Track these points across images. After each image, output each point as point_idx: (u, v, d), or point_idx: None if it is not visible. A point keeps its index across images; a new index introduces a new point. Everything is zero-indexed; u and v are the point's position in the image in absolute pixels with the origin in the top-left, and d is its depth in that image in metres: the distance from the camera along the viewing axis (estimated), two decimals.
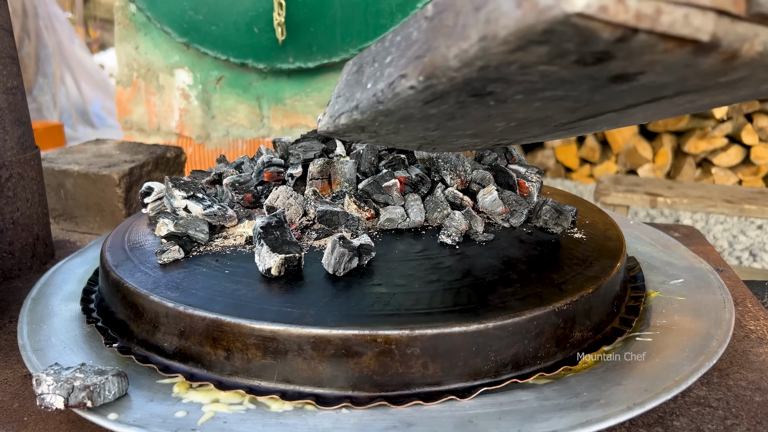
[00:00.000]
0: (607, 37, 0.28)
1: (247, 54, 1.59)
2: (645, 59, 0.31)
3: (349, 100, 0.44)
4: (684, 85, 0.36)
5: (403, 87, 0.37)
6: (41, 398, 0.48)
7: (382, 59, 0.41)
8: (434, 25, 0.35)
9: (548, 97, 0.38)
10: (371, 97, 0.41)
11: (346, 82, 0.46)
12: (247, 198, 0.73)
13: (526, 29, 0.28)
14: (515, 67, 0.32)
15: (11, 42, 0.84)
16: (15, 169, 0.84)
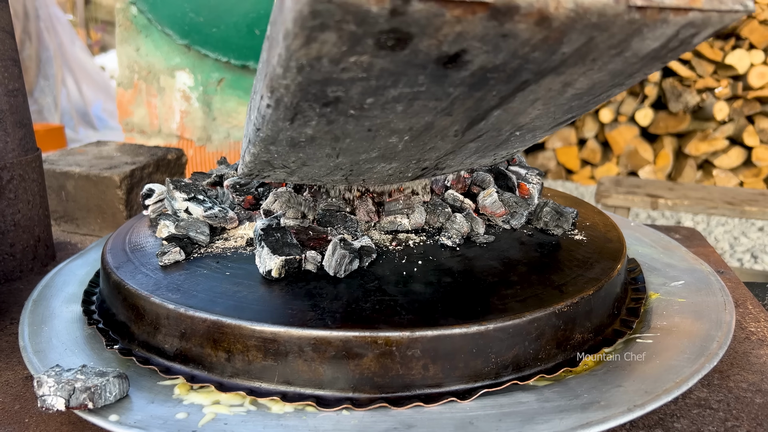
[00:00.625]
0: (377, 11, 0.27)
1: (248, 56, 1.59)
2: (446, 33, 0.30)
3: (246, 137, 0.45)
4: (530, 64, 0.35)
5: (263, 108, 0.38)
6: (42, 400, 0.48)
7: (255, 88, 0.41)
8: (270, 41, 0.35)
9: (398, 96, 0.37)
10: (252, 127, 0.42)
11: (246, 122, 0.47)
12: (248, 200, 0.73)
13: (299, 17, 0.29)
14: (326, 61, 0.32)
15: (13, 44, 0.84)
16: (16, 171, 0.84)
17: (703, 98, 3.31)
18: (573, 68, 0.37)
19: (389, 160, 0.52)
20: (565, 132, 3.66)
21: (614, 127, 3.56)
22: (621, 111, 3.52)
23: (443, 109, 0.41)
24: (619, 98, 3.48)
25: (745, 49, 3.20)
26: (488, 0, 0.28)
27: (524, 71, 0.36)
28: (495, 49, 0.32)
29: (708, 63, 3.28)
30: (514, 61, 0.35)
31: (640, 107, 3.46)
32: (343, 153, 0.47)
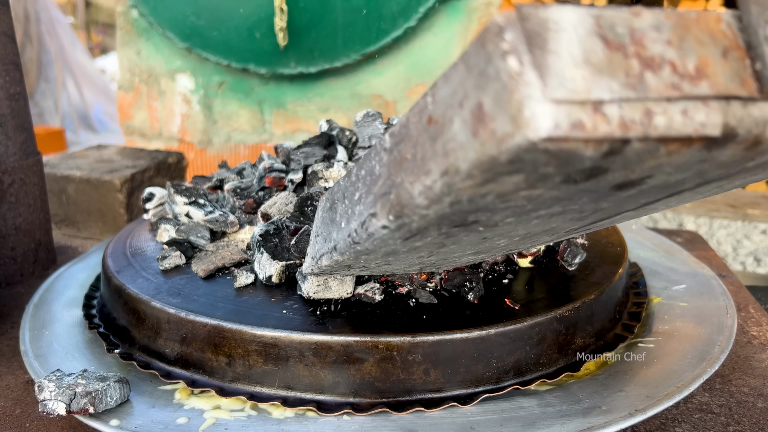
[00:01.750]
0: (591, 154, 0.25)
1: (249, 59, 1.59)
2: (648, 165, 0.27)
3: (327, 241, 0.42)
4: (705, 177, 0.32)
5: (375, 227, 0.35)
6: (43, 404, 0.48)
7: (351, 195, 0.39)
8: (394, 158, 0.33)
9: (545, 214, 0.35)
10: (346, 237, 0.39)
11: (322, 219, 0.44)
12: (249, 204, 0.73)
13: (489, 161, 0.26)
14: (492, 197, 0.29)
15: (14, 48, 0.84)
16: (17, 175, 0.84)
17: None
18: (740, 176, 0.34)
19: (483, 254, 0.49)
20: None
21: None
22: None
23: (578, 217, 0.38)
24: None
25: None
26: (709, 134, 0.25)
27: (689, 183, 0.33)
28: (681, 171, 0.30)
29: None
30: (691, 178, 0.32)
31: None
32: (438, 254, 0.44)
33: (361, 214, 0.36)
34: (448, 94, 0.28)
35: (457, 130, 0.27)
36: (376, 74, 1.63)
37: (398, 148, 0.32)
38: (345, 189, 0.40)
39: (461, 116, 0.26)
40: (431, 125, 0.29)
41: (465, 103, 0.26)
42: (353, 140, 0.80)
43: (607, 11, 0.25)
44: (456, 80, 0.27)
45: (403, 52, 1.60)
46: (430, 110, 0.29)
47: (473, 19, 1.56)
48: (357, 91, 1.65)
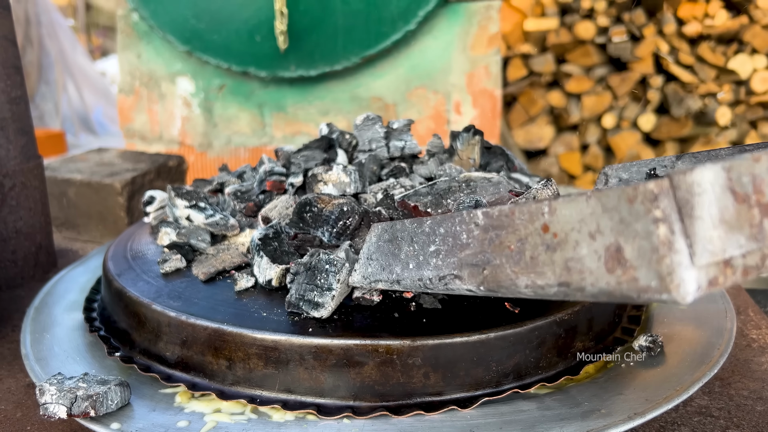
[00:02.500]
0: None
1: (249, 62, 1.60)
2: None
3: (387, 270, 0.46)
4: None
5: (458, 285, 0.39)
6: (44, 408, 0.48)
7: (423, 244, 0.42)
8: (490, 238, 0.36)
9: None
10: (416, 280, 0.43)
11: (377, 247, 0.48)
12: (249, 207, 0.74)
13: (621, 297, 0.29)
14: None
15: (15, 52, 0.84)
16: (18, 179, 0.85)
17: (706, 103, 3.32)
18: None
19: None
20: (567, 138, 3.67)
21: (617, 132, 3.56)
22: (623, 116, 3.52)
23: None
24: (622, 103, 3.48)
25: (747, 54, 3.21)
26: None
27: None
28: None
29: (710, 68, 3.28)
30: None
31: (643, 112, 3.47)
32: None
33: (438, 267, 0.41)
34: (574, 218, 0.31)
35: (586, 256, 0.30)
36: (376, 77, 1.63)
37: (497, 232, 0.36)
38: (414, 233, 0.44)
39: (592, 246, 0.30)
40: (547, 234, 0.32)
41: (598, 237, 0.30)
42: (353, 144, 0.81)
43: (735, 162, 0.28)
44: (586, 211, 0.30)
45: (403, 55, 1.61)
46: (546, 219, 0.32)
47: (473, 22, 1.57)
48: (357, 93, 1.65)
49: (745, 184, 0.28)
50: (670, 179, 0.27)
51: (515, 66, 3.55)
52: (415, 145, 0.80)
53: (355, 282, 0.51)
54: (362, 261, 0.50)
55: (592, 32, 3.33)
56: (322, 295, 0.52)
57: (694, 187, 0.27)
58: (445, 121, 1.64)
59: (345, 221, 0.60)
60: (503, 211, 0.36)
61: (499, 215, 0.36)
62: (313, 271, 0.53)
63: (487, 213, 0.37)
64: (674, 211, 0.27)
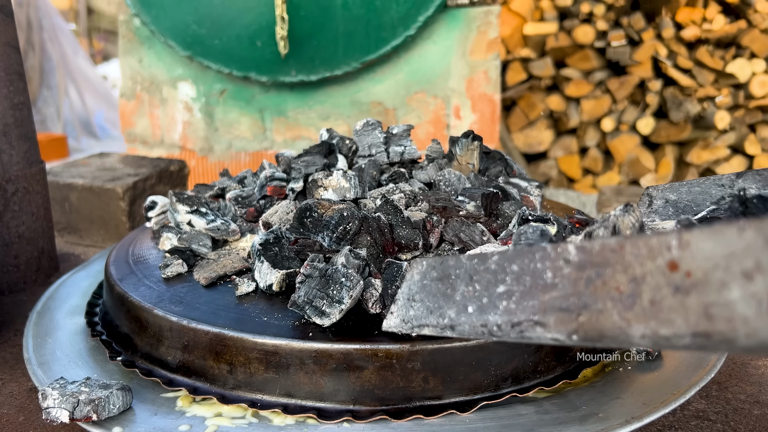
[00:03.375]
0: None
1: (250, 67, 1.60)
2: None
3: (436, 314, 0.40)
4: None
5: (539, 334, 0.34)
6: (47, 412, 0.49)
7: (488, 284, 0.37)
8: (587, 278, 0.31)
9: None
10: (479, 326, 0.37)
11: (422, 286, 0.42)
12: (250, 212, 0.74)
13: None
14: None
15: (18, 59, 0.85)
16: (21, 184, 0.85)
17: (705, 107, 3.32)
18: None
19: None
20: (567, 141, 3.67)
21: (616, 135, 3.57)
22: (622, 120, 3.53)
23: None
24: (621, 107, 3.49)
25: (746, 58, 3.21)
26: None
27: None
28: None
29: (709, 72, 3.29)
30: None
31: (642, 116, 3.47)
32: None
33: (510, 312, 0.35)
34: (717, 253, 0.26)
35: (737, 301, 0.25)
36: (376, 82, 1.64)
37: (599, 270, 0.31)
38: (474, 271, 0.38)
39: (746, 289, 0.25)
40: (676, 272, 0.27)
41: (757, 277, 0.25)
42: (353, 149, 0.81)
43: None
44: (738, 244, 0.25)
45: (403, 60, 1.61)
46: (674, 255, 0.27)
47: (472, 27, 1.58)
48: (357, 98, 1.66)
49: None
50: None
51: (514, 70, 3.55)
52: (415, 150, 0.81)
53: (391, 327, 0.45)
54: (401, 302, 0.44)
55: (591, 36, 3.34)
56: (331, 306, 0.52)
57: None
58: (445, 125, 1.65)
59: (345, 226, 0.60)
60: (608, 245, 0.30)
61: (601, 250, 0.31)
62: (328, 279, 0.53)
63: (582, 248, 0.32)
64: None
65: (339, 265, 0.56)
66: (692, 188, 0.59)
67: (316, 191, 0.69)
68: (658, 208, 0.60)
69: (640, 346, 0.30)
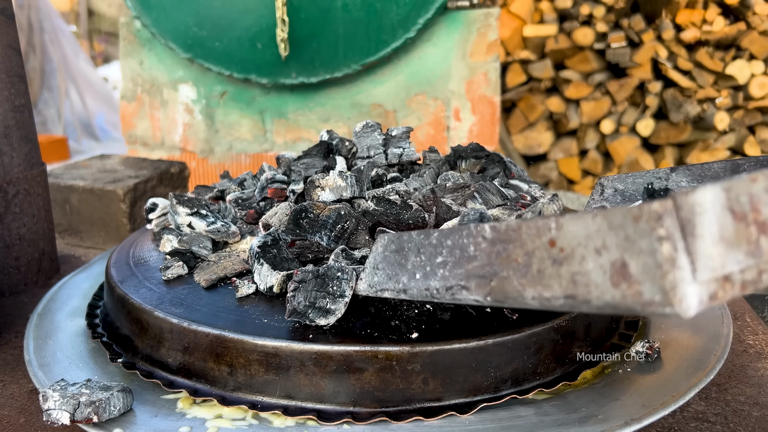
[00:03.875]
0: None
1: (251, 69, 1.61)
2: None
3: (393, 280, 0.47)
4: None
5: (465, 296, 0.40)
6: (48, 414, 0.49)
7: (430, 255, 0.43)
8: (497, 251, 0.37)
9: None
10: (423, 290, 0.44)
11: (384, 257, 0.49)
12: (250, 214, 0.74)
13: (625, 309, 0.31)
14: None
15: (19, 61, 0.85)
16: (22, 186, 0.86)
17: (704, 108, 3.33)
18: None
19: None
20: (566, 143, 3.68)
21: (615, 137, 3.57)
22: (622, 122, 3.53)
23: None
24: (621, 109, 3.49)
25: (745, 60, 3.22)
26: None
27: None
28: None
29: (708, 73, 3.29)
30: None
31: (641, 118, 3.48)
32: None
33: (445, 278, 0.42)
34: (580, 234, 0.32)
35: (592, 270, 0.32)
36: (376, 84, 1.64)
37: (504, 246, 0.37)
38: (420, 245, 0.45)
39: (597, 261, 0.31)
40: (554, 248, 0.34)
41: (603, 253, 0.31)
42: (353, 150, 0.81)
43: (734, 182, 0.30)
44: (592, 228, 0.32)
45: (403, 62, 1.62)
46: (553, 235, 0.34)
47: (472, 30, 1.58)
48: (357, 100, 1.66)
49: (743, 204, 0.30)
50: (673, 200, 0.29)
51: (514, 72, 3.56)
52: (413, 152, 0.81)
53: (360, 290, 0.52)
54: (368, 270, 0.51)
55: (591, 38, 3.35)
56: (335, 302, 0.52)
57: (696, 207, 0.29)
58: (445, 127, 1.65)
59: (343, 224, 0.61)
60: (511, 226, 0.37)
61: (506, 229, 0.37)
62: (323, 278, 0.53)
63: (494, 227, 0.38)
64: (677, 230, 0.28)
65: (331, 262, 0.56)
66: (636, 179, 0.66)
67: (313, 192, 0.69)
68: (608, 196, 0.68)
69: (532, 307, 0.36)
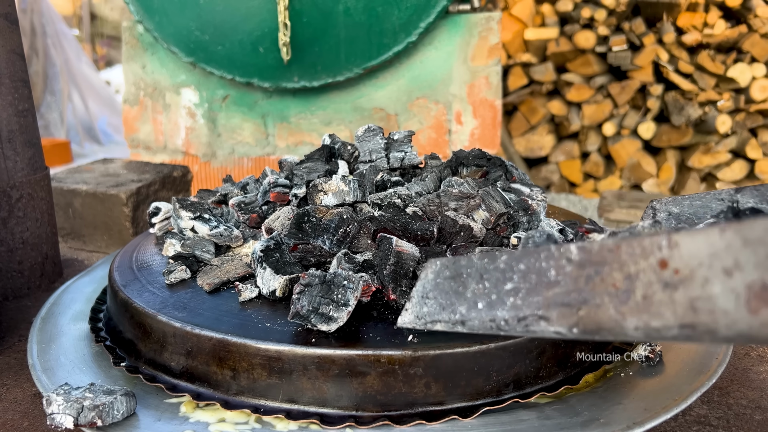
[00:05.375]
0: None
1: (253, 73, 1.61)
2: None
3: (448, 310, 0.43)
4: None
5: (542, 328, 0.36)
6: (51, 418, 0.49)
7: (496, 282, 0.39)
8: (587, 275, 0.34)
9: None
10: (487, 321, 0.40)
11: (436, 284, 0.45)
12: (253, 218, 0.74)
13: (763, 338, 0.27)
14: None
15: (23, 66, 0.86)
16: (25, 190, 0.86)
17: (706, 111, 3.33)
18: None
19: None
20: (568, 146, 3.68)
21: (617, 140, 3.57)
22: (624, 124, 3.53)
23: None
24: (622, 111, 3.49)
25: (746, 63, 3.22)
26: None
27: None
28: None
29: (710, 76, 3.30)
30: None
31: (643, 120, 3.48)
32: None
33: (516, 307, 0.38)
34: (702, 252, 0.29)
35: (718, 295, 0.28)
36: (377, 88, 1.65)
37: (597, 269, 0.33)
38: (484, 270, 0.41)
39: (727, 284, 0.28)
40: (665, 270, 0.30)
41: (736, 274, 0.27)
42: (355, 155, 0.82)
43: None
44: (719, 244, 0.28)
45: (405, 66, 1.62)
46: (665, 254, 0.30)
47: (474, 33, 1.58)
48: (359, 104, 1.67)
49: None
50: None
51: (516, 75, 3.56)
52: (415, 156, 0.81)
53: (406, 323, 0.47)
54: (416, 299, 0.46)
55: (592, 41, 3.35)
56: (338, 310, 0.52)
57: None
58: (446, 131, 1.66)
59: (345, 228, 0.61)
60: (606, 246, 0.33)
61: (600, 250, 0.33)
62: (329, 285, 0.53)
63: (583, 248, 0.34)
64: None
65: (337, 268, 0.56)
66: (694, 202, 0.61)
67: (316, 196, 0.69)
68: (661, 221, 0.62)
69: (634, 338, 0.32)
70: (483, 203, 0.67)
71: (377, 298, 0.58)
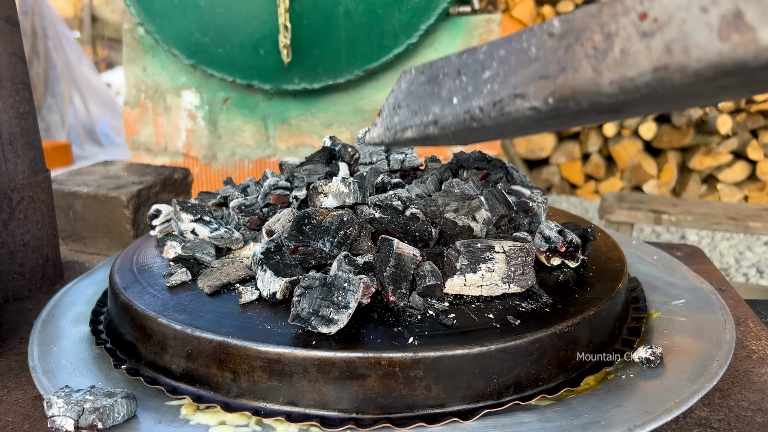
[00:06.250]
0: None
1: (254, 75, 1.61)
2: None
3: (420, 114, 0.42)
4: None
5: (518, 107, 0.35)
6: (52, 420, 0.49)
7: (474, 73, 0.38)
8: (567, 44, 0.33)
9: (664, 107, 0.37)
10: (461, 113, 0.39)
11: (408, 92, 0.43)
12: (254, 220, 0.75)
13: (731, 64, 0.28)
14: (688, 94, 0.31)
15: (24, 68, 0.86)
16: (26, 192, 0.86)
17: (707, 112, 3.32)
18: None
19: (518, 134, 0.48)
20: (569, 147, 3.68)
21: (618, 141, 3.57)
22: (624, 125, 3.53)
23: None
24: None
25: None
26: None
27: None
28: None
29: None
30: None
31: (644, 121, 3.48)
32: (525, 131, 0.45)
33: (493, 92, 0.37)
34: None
35: (693, 31, 0.29)
36: (378, 90, 1.65)
37: (578, 35, 0.33)
38: (461, 65, 0.39)
39: (702, 20, 0.28)
40: (645, 21, 0.30)
41: (712, 9, 0.28)
42: (355, 157, 0.82)
43: None
44: None
45: (405, 68, 1.62)
46: (645, 6, 0.30)
47: (474, 35, 1.58)
48: (360, 106, 1.67)
49: None
50: None
51: None
52: (415, 158, 0.81)
53: (374, 137, 0.45)
54: (386, 112, 0.44)
55: None
56: (338, 312, 0.52)
57: None
58: None
59: (346, 231, 0.61)
60: (588, 12, 0.33)
61: (582, 17, 0.33)
62: (330, 287, 0.53)
63: (565, 19, 0.34)
64: None
65: (338, 270, 0.56)
66: None
67: (316, 198, 0.69)
68: None
69: (607, 95, 0.32)
70: (486, 204, 0.68)
71: (377, 300, 0.58)
